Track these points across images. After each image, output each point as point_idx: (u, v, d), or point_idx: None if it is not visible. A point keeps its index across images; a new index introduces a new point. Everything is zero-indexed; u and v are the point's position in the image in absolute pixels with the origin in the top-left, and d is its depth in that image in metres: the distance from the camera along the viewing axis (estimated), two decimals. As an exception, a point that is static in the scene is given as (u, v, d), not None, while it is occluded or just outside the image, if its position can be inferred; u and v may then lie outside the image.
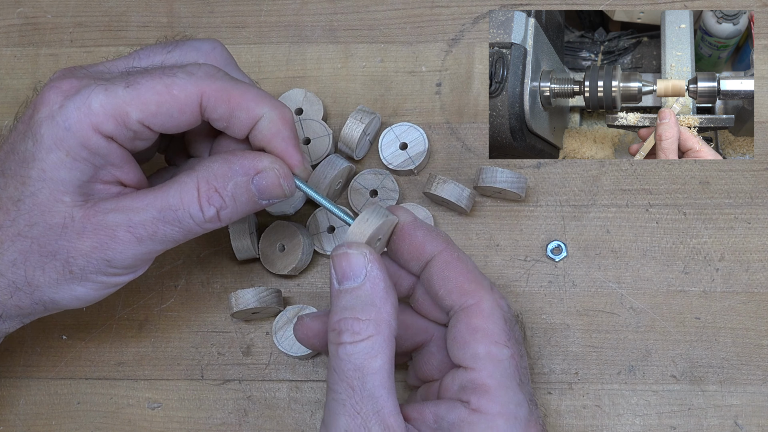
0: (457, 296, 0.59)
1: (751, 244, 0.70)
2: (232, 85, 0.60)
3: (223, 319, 0.72)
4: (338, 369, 0.57)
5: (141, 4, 0.78)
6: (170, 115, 0.59)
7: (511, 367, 0.58)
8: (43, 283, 0.60)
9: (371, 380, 0.56)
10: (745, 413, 0.68)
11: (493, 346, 0.58)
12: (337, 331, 0.57)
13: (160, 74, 0.59)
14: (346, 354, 0.57)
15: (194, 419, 0.70)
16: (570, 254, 0.71)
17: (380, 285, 0.58)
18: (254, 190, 0.60)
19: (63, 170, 0.58)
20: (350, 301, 0.57)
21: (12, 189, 0.59)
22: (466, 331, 0.58)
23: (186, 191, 0.59)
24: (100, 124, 0.58)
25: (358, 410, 0.56)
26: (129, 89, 0.58)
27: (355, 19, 0.77)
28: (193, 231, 0.60)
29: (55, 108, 0.58)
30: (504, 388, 0.57)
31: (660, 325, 0.70)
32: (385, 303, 0.57)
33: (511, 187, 0.69)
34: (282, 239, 0.70)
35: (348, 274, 0.58)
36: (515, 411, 0.57)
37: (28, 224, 0.59)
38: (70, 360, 0.72)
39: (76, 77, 0.59)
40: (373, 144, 0.74)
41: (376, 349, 0.56)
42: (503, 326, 0.59)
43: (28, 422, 0.71)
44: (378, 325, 0.57)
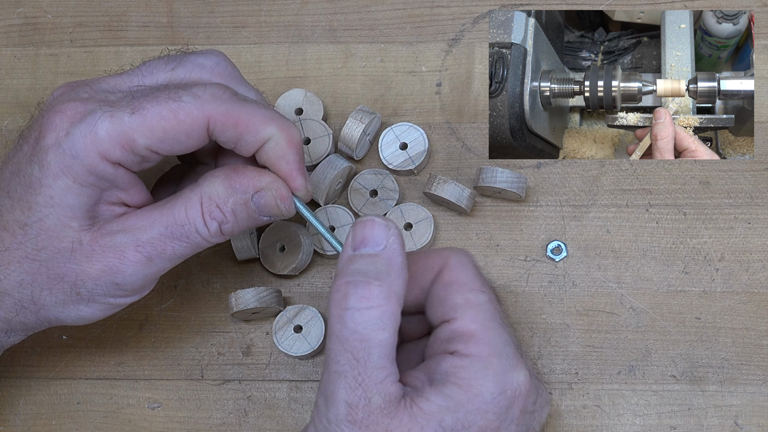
0: (429, 273, 0.60)
1: (751, 244, 0.70)
2: (239, 107, 0.59)
3: (223, 319, 0.72)
4: (342, 338, 0.56)
5: (141, 4, 0.78)
6: (177, 140, 0.59)
7: (491, 310, 0.59)
8: (49, 303, 0.60)
9: (378, 352, 0.56)
10: (745, 413, 0.68)
11: (469, 293, 0.59)
12: (344, 292, 0.56)
13: (166, 98, 0.58)
14: (353, 322, 0.55)
15: (194, 419, 0.70)
16: (570, 254, 0.71)
17: (399, 258, 0.57)
18: (253, 207, 0.61)
19: (71, 196, 0.58)
20: (365, 265, 0.57)
21: (18, 212, 0.59)
22: (441, 288, 0.59)
23: (191, 206, 0.60)
24: (107, 152, 0.58)
25: (359, 381, 0.56)
26: (135, 116, 0.58)
27: (355, 19, 0.77)
28: (200, 246, 0.61)
29: (61, 135, 0.58)
30: (489, 330, 0.58)
31: (660, 325, 0.70)
32: (399, 276, 0.57)
33: (511, 187, 0.69)
34: (282, 239, 0.70)
35: (368, 241, 0.57)
36: (504, 349, 0.58)
37: (35, 248, 0.59)
38: (70, 360, 0.72)
39: (81, 100, 0.59)
40: (373, 144, 0.74)
41: (384, 321, 0.56)
42: (475, 273, 0.60)
43: (28, 422, 0.71)
44: (389, 296, 0.56)
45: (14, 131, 0.76)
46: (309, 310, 0.70)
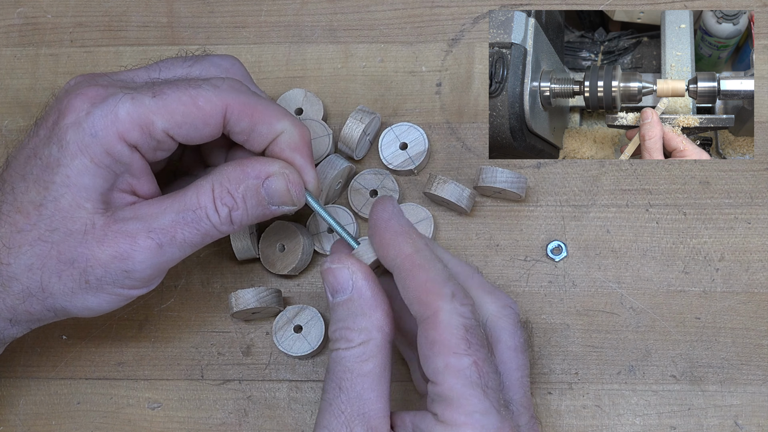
0: (417, 307, 0.58)
1: (751, 244, 0.70)
2: (255, 99, 0.61)
3: (223, 319, 0.72)
4: (330, 371, 0.58)
5: (141, 4, 0.78)
6: (195, 126, 0.60)
7: (474, 375, 0.56)
8: (57, 291, 0.60)
9: (361, 382, 0.57)
10: (745, 413, 0.68)
11: (451, 357, 0.56)
12: (334, 339, 0.59)
13: (186, 85, 0.60)
14: (338, 357, 0.58)
15: (194, 419, 0.70)
16: (570, 254, 0.71)
17: (367, 294, 0.59)
18: (264, 194, 0.61)
19: (87, 176, 0.59)
20: (342, 312, 0.59)
21: (34, 193, 0.59)
22: (426, 344, 0.57)
23: (202, 192, 0.60)
24: (126, 133, 0.58)
25: (342, 410, 0.57)
26: (156, 99, 0.59)
27: (355, 19, 0.77)
28: (210, 234, 0.61)
29: (81, 115, 0.59)
30: (466, 398, 0.56)
31: (660, 325, 0.70)
32: (374, 310, 0.58)
33: (511, 187, 0.69)
34: (282, 239, 0.70)
35: (336, 288, 0.59)
36: (482, 420, 0.56)
37: (48, 229, 0.59)
38: (70, 360, 0.72)
39: (101, 85, 0.60)
40: (373, 144, 0.74)
41: (367, 354, 0.58)
42: (462, 335, 0.56)
43: (28, 422, 0.71)
44: (369, 332, 0.58)
45: (14, 131, 0.76)
46: (309, 310, 0.70)
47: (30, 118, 0.76)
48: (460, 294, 0.58)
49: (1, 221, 0.59)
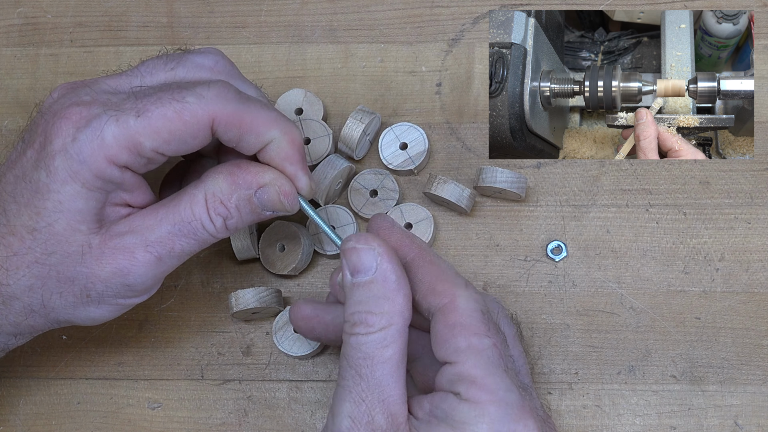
0: (432, 298, 0.59)
1: (751, 244, 0.70)
2: (243, 108, 0.60)
3: (223, 319, 0.72)
4: (348, 356, 0.57)
5: (141, 4, 0.78)
6: (183, 141, 0.59)
7: (495, 356, 0.57)
8: (59, 306, 0.60)
9: (381, 369, 0.57)
10: (745, 413, 0.68)
11: (473, 338, 0.57)
12: (351, 323, 0.58)
13: (170, 99, 0.58)
14: (357, 343, 0.57)
15: (194, 419, 0.70)
16: (570, 254, 0.71)
17: (392, 278, 0.58)
18: (257, 203, 0.61)
19: (79, 201, 0.58)
20: (363, 294, 0.58)
21: (26, 218, 0.59)
22: (445, 328, 0.58)
23: (196, 203, 0.60)
24: (114, 156, 0.58)
25: (363, 397, 0.56)
26: (140, 119, 0.58)
27: (355, 19, 0.77)
28: (207, 241, 0.61)
29: (68, 141, 0.58)
30: (490, 376, 0.57)
31: (660, 325, 0.70)
32: (397, 294, 0.58)
33: (511, 187, 0.69)
34: (282, 239, 0.70)
35: (359, 268, 0.58)
36: (505, 396, 0.57)
37: (45, 253, 0.59)
38: (70, 360, 0.72)
39: (84, 104, 0.59)
40: (373, 144, 0.74)
41: (388, 340, 0.57)
42: (480, 318, 0.58)
43: (28, 422, 0.71)
44: (391, 316, 0.57)
45: (14, 131, 0.76)
46: (309, 310, 0.70)
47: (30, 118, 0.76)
48: (471, 285, 0.60)
49: None
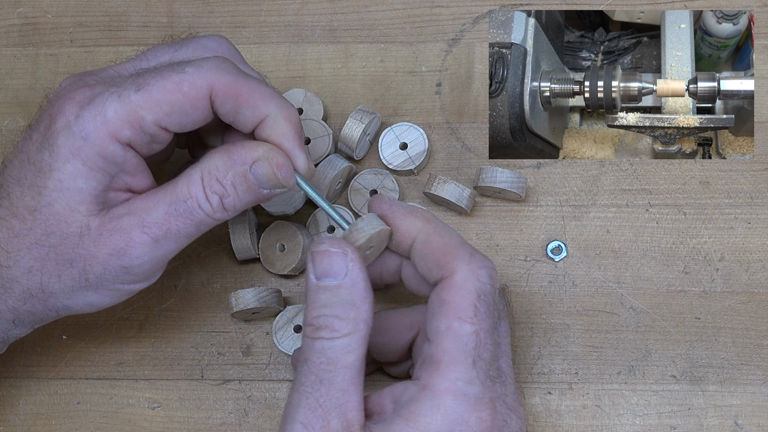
0: (436, 270, 0.59)
1: (751, 244, 0.70)
2: (242, 80, 0.60)
3: (223, 319, 0.72)
4: (310, 361, 0.57)
5: (141, 4, 0.78)
6: (184, 113, 0.59)
7: (470, 344, 0.57)
8: (57, 290, 0.60)
9: (342, 374, 0.57)
10: (745, 413, 0.68)
11: (455, 321, 0.57)
12: (315, 326, 0.57)
13: (169, 71, 0.59)
14: (322, 347, 0.57)
15: (194, 419, 0.70)
16: (570, 254, 0.71)
17: (360, 284, 0.58)
18: (252, 179, 0.60)
19: (80, 180, 0.58)
20: (330, 298, 0.57)
21: (28, 198, 0.59)
22: (436, 303, 0.58)
23: (192, 182, 0.60)
24: (117, 132, 0.58)
25: (320, 402, 0.56)
26: (140, 93, 0.58)
27: (355, 19, 0.77)
28: (204, 222, 0.60)
29: (71, 119, 0.58)
30: (455, 364, 0.57)
31: (660, 325, 0.70)
32: (363, 302, 0.58)
33: (511, 187, 0.69)
34: (282, 239, 0.70)
35: (328, 272, 0.58)
36: (464, 388, 0.56)
37: (44, 233, 0.59)
38: (70, 360, 0.72)
39: (88, 85, 0.60)
40: (373, 144, 0.74)
41: (352, 346, 0.57)
42: (472, 300, 0.57)
43: (28, 422, 0.71)
44: (357, 323, 0.57)
45: (14, 131, 0.76)
46: (309, 310, 0.70)
47: (30, 118, 0.76)
48: (478, 255, 0.59)
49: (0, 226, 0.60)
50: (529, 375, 0.69)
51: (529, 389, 0.69)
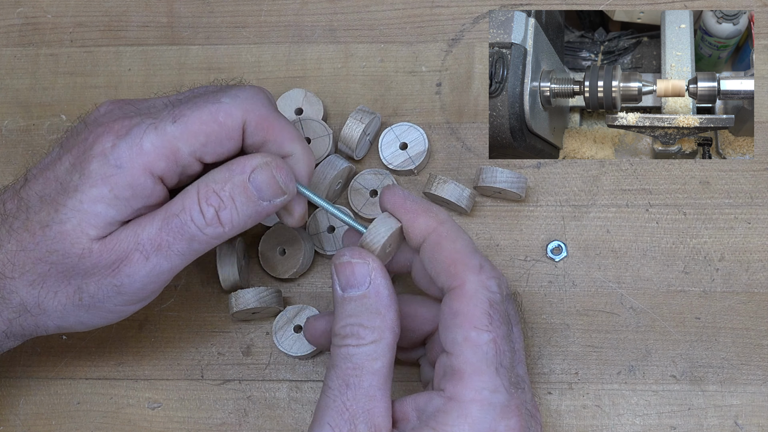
0: (445, 278, 0.59)
1: (751, 244, 0.70)
2: (274, 115, 0.61)
3: (223, 319, 0.72)
4: (337, 366, 0.58)
5: (141, 4, 0.78)
6: (219, 143, 0.59)
7: (490, 352, 0.57)
8: (50, 308, 0.60)
9: (369, 379, 0.57)
10: (745, 413, 0.68)
11: (472, 331, 0.57)
12: (342, 335, 0.58)
13: (204, 102, 0.59)
14: (348, 354, 0.58)
15: (194, 419, 0.70)
16: (570, 254, 0.71)
17: (384, 293, 0.58)
18: (252, 189, 0.59)
19: (101, 205, 0.58)
20: (355, 308, 0.58)
21: (44, 214, 0.59)
22: (449, 314, 0.58)
23: (187, 196, 0.59)
24: (152, 164, 0.58)
25: (347, 406, 0.57)
26: (177, 124, 0.58)
27: (355, 19, 0.77)
28: (196, 239, 0.59)
29: (107, 147, 0.58)
30: (479, 374, 0.57)
31: (660, 325, 0.70)
32: (389, 310, 0.58)
33: (511, 187, 0.69)
34: (283, 243, 0.70)
35: (352, 282, 0.59)
36: (490, 397, 0.57)
37: (48, 250, 0.59)
38: (70, 360, 0.72)
39: (127, 116, 0.60)
40: (373, 144, 0.74)
41: (378, 353, 0.57)
42: (485, 309, 0.58)
43: (28, 422, 0.71)
44: (382, 331, 0.58)
45: (14, 131, 0.76)
46: (309, 310, 0.70)
47: (30, 118, 0.76)
48: (487, 266, 0.60)
49: (11, 237, 0.59)
50: (529, 375, 0.69)
51: (529, 389, 0.69)
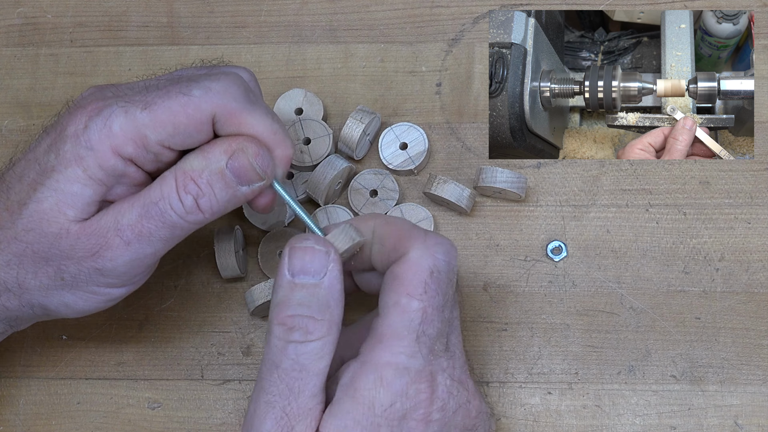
0: (393, 253, 0.59)
1: (751, 244, 0.71)
2: (247, 109, 0.59)
3: (223, 319, 0.72)
4: (281, 368, 0.56)
5: (141, 4, 0.78)
6: (188, 135, 0.59)
7: (416, 320, 0.56)
8: (33, 287, 0.60)
9: (313, 382, 0.56)
10: (745, 413, 0.68)
11: (403, 297, 0.57)
12: (288, 326, 0.56)
13: (177, 92, 0.59)
14: (295, 353, 0.56)
15: (194, 419, 0.70)
16: (570, 254, 0.71)
17: (338, 287, 0.57)
18: (230, 175, 0.59)
19: (77, 185, 0.58)
20: (305, 297, 0.56)
21: (23, 193, 0.59)
22: (389, 278, 0.58)
23: (165, 183, 0.59)
24: (120, 147, 0.58)
25: (287, 412, 0.56)
26: (146, 111, 0.58)
27: (355, 19, 0.77)
28: (178, 225, 0.59)
29: (80, 128, 0.59)
30: (397, 338, 0.56)
31: (660, 325, 0.70)
32: (338, 305, 0.57)
33: (511, 187, 0.69)
34: (282, 246, 0.70)
35: (307, 269, 0.57)
36: (406, 362, 0.56)
37: (25, 229, 0.59)
38: (70, 360, 0.72)
39: (104, 98, 0.60)
40: (373, 144, 0.74)
41: (324, 351, 0.56)
42: (423, 278, 0.57)
43: (28, 422, 0.71)
44: (330, 326, 0.56)
45: (14, 131, 0.76)
46: (309, 310, 0.69)
47: (30, 118, 0.76)
48: (433, 234, 0.59)
49: None
50: (529, 375, 0.69)
51: (529, 389, 0.69)
